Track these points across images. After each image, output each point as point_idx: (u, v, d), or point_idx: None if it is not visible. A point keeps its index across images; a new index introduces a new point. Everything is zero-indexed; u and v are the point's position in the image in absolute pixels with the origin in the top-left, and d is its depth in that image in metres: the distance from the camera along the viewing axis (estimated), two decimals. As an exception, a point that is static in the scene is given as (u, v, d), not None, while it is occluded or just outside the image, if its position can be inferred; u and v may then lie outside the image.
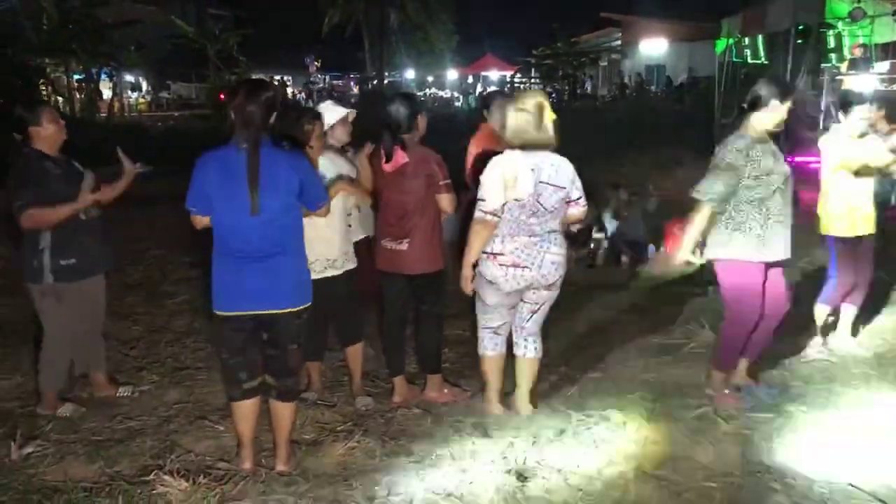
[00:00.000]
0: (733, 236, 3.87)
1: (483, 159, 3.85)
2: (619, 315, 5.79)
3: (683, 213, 6.06)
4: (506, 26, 39.23)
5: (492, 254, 3.65)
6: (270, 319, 3.22)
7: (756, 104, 3.87)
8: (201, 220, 3.22)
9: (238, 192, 3.05)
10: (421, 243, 3.94)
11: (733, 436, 3.66)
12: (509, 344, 3.95)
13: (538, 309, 3.82)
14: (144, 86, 34.97)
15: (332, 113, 4.04)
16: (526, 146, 3.56)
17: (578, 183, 3.67)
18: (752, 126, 3.89)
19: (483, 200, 3.59)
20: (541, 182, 3.55)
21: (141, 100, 33.35)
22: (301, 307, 3.27)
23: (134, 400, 4.23)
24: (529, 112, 3.55)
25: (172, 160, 14.05)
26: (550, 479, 3.27)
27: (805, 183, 10.96)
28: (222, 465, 3.44)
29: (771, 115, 3.85)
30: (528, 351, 3.88)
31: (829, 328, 4.84)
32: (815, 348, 4.74)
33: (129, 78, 32.70)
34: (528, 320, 3.85)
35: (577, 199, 3.68)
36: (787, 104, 3.84)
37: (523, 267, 3.62)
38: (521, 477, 3.27)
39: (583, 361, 4.75)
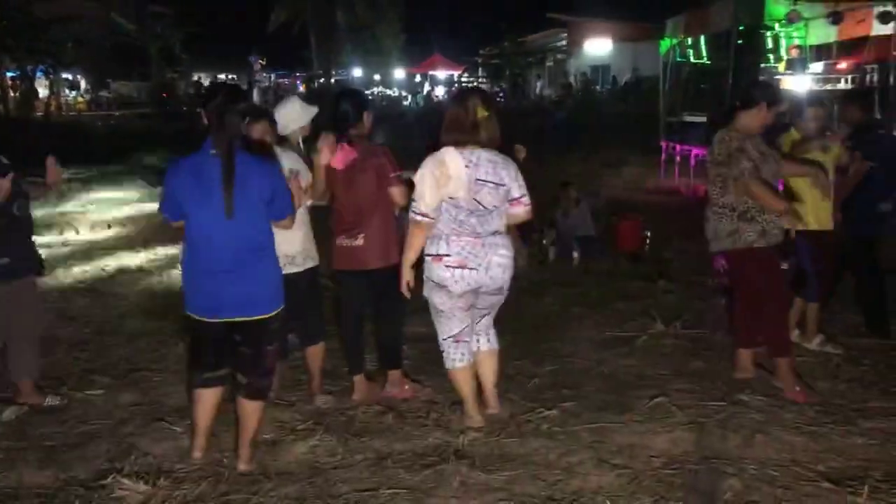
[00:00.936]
0: (740, 226, 4.09)
1: None
2: (572, 309, 5.88)
3: (631, 210, 6.17)
4: (454, 26, 39.33)
5: (437, 255, 3.57)
6: (247, 324, 3.23)
7: (748, 104, 4.10)
8: (175, 226, 3.27)
9: (212, 197, 3.06)
10: (376, 237, 3.94)
11: (687, 424, 3.76)
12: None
13: (486, 313, 3.79)
14: (83, 84, 34.02)
15: (299, 112, 4.05)
16: (459, 143, 3.52)
17: (521, 180, 3.60)
18: (742, 123, 4.11)
19: (415, 201, 3.56)
20: (478, 180, 3.47)
21: (79, 99, 32.41)
22: (276, 311, 3.28)
23: (86, 403, 4.13)
24: (462, 109, 3.54)
25: (115, 161, 13.83)
26: (511, 470, 3.31)
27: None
28: (182, 466, 3.39)
29: (758, 115, 4.10)
30: (483, 343, 3.82)
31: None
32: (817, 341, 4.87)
33: (66, 76, 31.78)
34: (477, 322, 3.79)
35: (520, 197, 3.59)
36: (774, 109, 4.15)
37: (470, 268, 3.53)
38: (484, 469, 3.31)
39: (539, 355, 4.81)
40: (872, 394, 4.18)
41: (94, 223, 9.53)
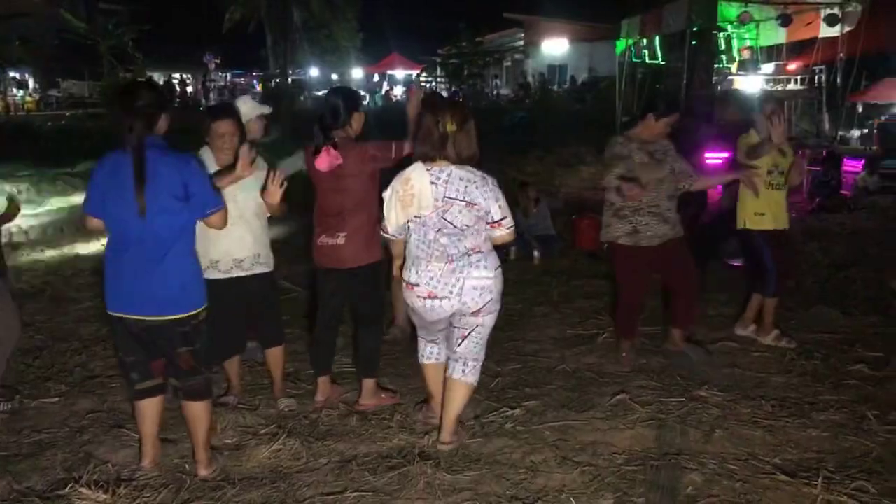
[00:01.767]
0: (612, 221, 4.53)
1: None
2: (534, 308, 5.93)
3: (589, 209, 6.20)
4: (411, 25, 39.13)
5: (409, 283, 3.45)
6: (156, 325, 3.15)
7: (643, 114, 4.49)
8: (93, 224, 3.20)
9: (125, 193, 3.03)
10: (357, 237, 3.83)
11: (648, 420, 3.82)
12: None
13: (468, 334, 3.47)
14: (31, 83, 33.11)
15: (249, 108, 3.98)
16: (427, 157, 3.34)
17: (503, 201, 3.34)
18: (636, 131, 4.50)
19: (383, 221, 3.50)
20: (447, 197, 3.27)
21: (28, 98, 31.46)
22: (187, 314, 3.18)
23: (41, 412, 4.03)
24: (432, 120, 3.32)
25: (66, 162, 13.49)
26: (476, 470, 3.33)
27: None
28: (142, 473, 3.32)
29: (646, 126, 4.47)
30: (455, 373, 3.53)
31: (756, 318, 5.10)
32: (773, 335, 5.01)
33: (13, 74, 30.90)
34: (458, 345, 3.51)
35: (500, 219, 3.32)
36: (663, 121, 4.43)
37: (441, 298, 3.35)
38: (449, 470, 3.32)
39: (501, 353, 4.84)
40: (825, 387, 4.29)
41: (46, 226, 9.30)
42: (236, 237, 3.76)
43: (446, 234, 3.31)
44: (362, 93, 36.85)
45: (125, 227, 3.08)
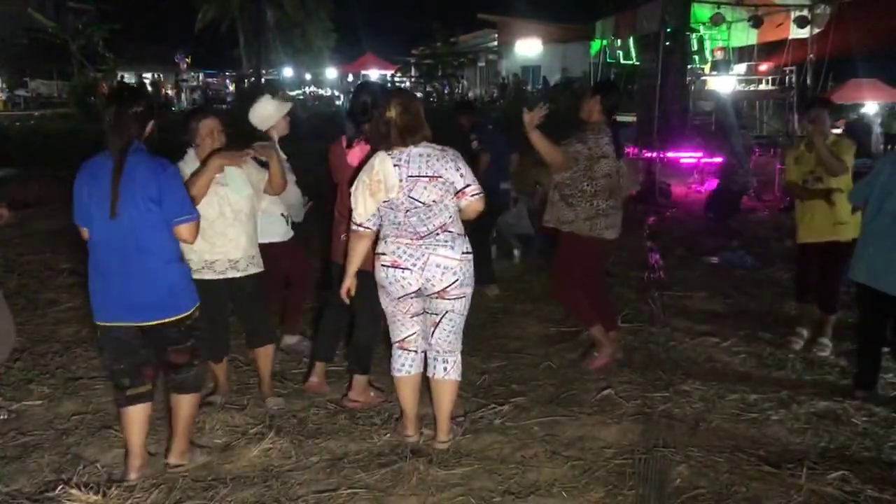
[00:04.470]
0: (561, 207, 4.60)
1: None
2: (517, 306, 5.98)
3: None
4: (385, 25, 39.10)
5: (377, 254, 3.49)
6: (148, 328, 3.16)
7: None
8: (86, 234, 3.17)
9: (104, 198, 3.03)
10: None
11: (634, 415, 3.89)
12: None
13: (439, 321, 3.49)
14: (-1, 83, 32.56)
15: (275, 108, 4.20)
16: (387, 146, 3.40)
17: (465, 170, 3.38)
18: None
19: (353, 211, 3.50)
20: (410, 176, 3.33)
21: (-5, 98, 31.01)
22: (178, 316, 3.18)
23: (25, 414, 3.98)
24: (374, 120, 3.49)
25: (36, 163, 13.28)
26: (468, 466, 3.36)
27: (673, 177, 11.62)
28: (133, 474, 3.30)
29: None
30: (438, 372, 3.56)
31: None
32: None
33: (-20, 74, 30.41)
34: (431, 334, 3.54)
35: (464, 187, 3.36)
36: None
37: (403, 268, 3.38)
38: (441, 466, 3.34)
39: (486, 351, 4.88)
40: (804, 380, 4.39)
41: (23, 226, 9.15)
42: (232, 238, 3.78)
43: (415, 213, 3.36)
44: (336, 93, 36.82)
45: (102, 231, 3.07)
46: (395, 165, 3.35)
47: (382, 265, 3.45)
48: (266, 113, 4.36)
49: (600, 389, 4.19)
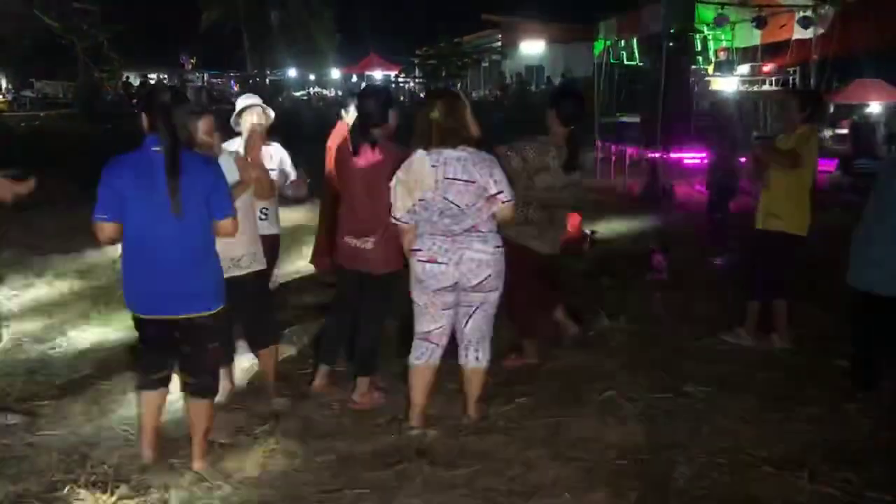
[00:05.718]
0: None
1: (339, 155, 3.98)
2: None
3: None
4: (389, 26, 39.15)
5: (412, 250, 3.64)
6: (188, 322, 3.21)
7: None
8: (108, 231, 3.12)
9: (155, 193, 3.04)
10: (389, 244, 3.84)
11: (637, 416, 3.91)
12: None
13: (473, 312, 3.68)
14: (3, 83, 32.69)
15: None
16: (427, 145, 3.53)
17: (499, 176, 3.52)
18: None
19: (392, 206, 3.62)
20: (447, 178, 3.47)
21: (0, 98, 31.12)
22: (218, 310, 3.28)
23: (32, 415, 4.00)
24: (420, 115, 3.57)
25: (43, 163, 13.30)
26: (472, 466, 3.39)
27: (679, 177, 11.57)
28: (140, 474, 3.33)
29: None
30: (470, 360, 3.77)
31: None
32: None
33: (-15, 75, 30.51)
34: (464, 325, 3.71)
35: (496, 193, 3.51)
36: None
37: (440, 262, 3.53)
38: (446, 466, 3.37)
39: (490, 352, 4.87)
40: (807, 382, 4.40)
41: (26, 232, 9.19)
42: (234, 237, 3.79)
43: (449, 215, 3.51)
44: (340, 94, 36.83)
45: (154, 227, 3.09)
46: (432, 166, 3.48)
47: (419, 260, 3.58)
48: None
49: (604, 391, 4.20)
